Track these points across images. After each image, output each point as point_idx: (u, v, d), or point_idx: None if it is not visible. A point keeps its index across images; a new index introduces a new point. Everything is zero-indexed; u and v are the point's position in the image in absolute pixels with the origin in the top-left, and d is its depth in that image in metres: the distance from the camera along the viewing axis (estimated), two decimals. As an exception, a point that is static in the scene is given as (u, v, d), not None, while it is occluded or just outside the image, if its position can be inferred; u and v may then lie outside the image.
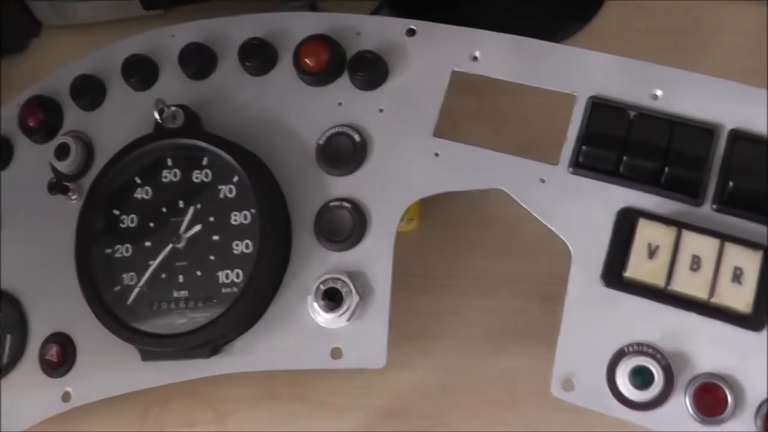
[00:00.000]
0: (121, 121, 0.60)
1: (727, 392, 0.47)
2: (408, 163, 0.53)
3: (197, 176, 0.56)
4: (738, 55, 0.66)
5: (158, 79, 0.60)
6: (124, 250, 0.56)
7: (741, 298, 0.47)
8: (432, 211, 0.62)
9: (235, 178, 0.54)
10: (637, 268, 0.48)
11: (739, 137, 0.50)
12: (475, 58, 0.54)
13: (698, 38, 0.68)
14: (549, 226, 0.50)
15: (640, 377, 0.47)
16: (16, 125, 0.62)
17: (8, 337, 0.58)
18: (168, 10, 0.75)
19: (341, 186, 0.54)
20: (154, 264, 0.55)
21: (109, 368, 0.56)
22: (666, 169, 0.50)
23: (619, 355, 0.48)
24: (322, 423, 0.59)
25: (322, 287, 0.51)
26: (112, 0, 0.73)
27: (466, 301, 0.60)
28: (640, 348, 0.48)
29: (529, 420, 0.57)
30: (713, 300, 0.48)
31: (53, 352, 0.57)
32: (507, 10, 0.71)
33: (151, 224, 0.56)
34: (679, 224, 0.49)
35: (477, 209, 0.62)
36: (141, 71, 0.60)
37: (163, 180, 0.57)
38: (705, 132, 0.51)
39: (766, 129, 0.50)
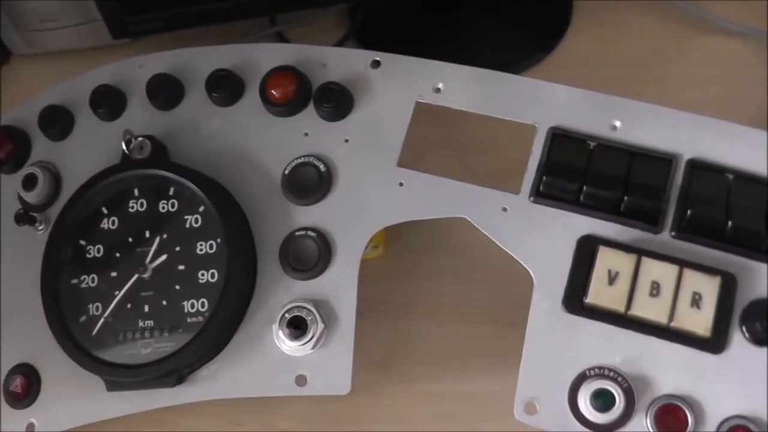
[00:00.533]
0: (89, 151, 0.60)
1: (688, 413, 0.48)
2: (373, 193, 0.54)
3: (163, 206, 0.56)
4: (700, 86, 0.68)
5: (126, 110, 0.60)
6: (90, 281, 0.56)
7: (700, 322, 0.49)
8: (397, 238, 0.63)
9: (201, 208, 0.55)
10: (598, 294, 0.49)
11: (697, 166, 0.52)
12: (438, 90, 0.55)
13: (660, 69, 0.70)
14: (511, 254, 0.51)
15: (602, 399, 0.48)
16: (-16, 156, 0.62)
17: (-29, 368, 0.57)
18: (136, 39, 0.75)
19: (307, 215, 0.54)
20: (119, 294, 0.55)
21: (74, 399, 0.56)
22: (625, 198, 0.51)
23: (580, 379, 0.49)
24: (289, 451, 0.59)
25: (287, 316, 0.52)
26: (80, 27, 0.73)
27: (431, 327, 0.61)
28: (602, 371, 0.49)
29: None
30: (673, 324, 0.49)
31: (17, 383, 0.57)
32: (471, 40, 0.72)
33: (117, 254, 0.56)
34: (638, 251, 0.50)
35: (441, 236, 0.62)
36: (109, 102, 0.60)
37: (130, 210, 0.57)
38: (663, 162, 0.52)
39: (722, 158, 0.52)
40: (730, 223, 0.50)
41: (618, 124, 0.53)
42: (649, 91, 0.66)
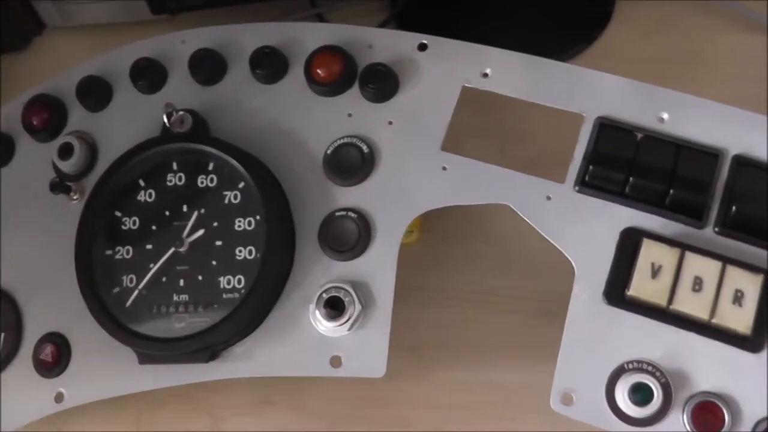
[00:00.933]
0: (126, 123, 0.60)
1: (725, 411, 0.47)
2: (415, 176, 0.54)
3: (202, 181, 0.56)
4: (739, 85, 0.67)
5: (166, 84, 0.60)
6: (124, 252, 0.56)
7: (741, 319, 0.48)
8: (432, 225, 0.63)
9: (241, 185, 0.55)
10: (640, 287, 0.49)
11: (743, 163, 0.51)
12: (485, 75, 0.55)
13: (700, 67, 0.69)
14: (554, 243, 0.51)
15: (640, 394, 0.47)
16: (19, 123, 0.62)
17: (2, 335, 0.57)
18: (174, 15, 0.75)
19: (347, 196, 0.54)
20: (154, 267, 0.55)
21: (104, 370, 0.56)
22: (671, 191, 0.50)
23: (619, 372, 0.48)
24: (318, 432, 0.59)
25: (325, 296, 0.52)
26: (117, 1, 0.73)
27: (465, 315, 0.60)
28: (640, 365, 0.48)
29: (529, 435, 0.57)
30: (714, 321, 0.48)
31: (48, 351, 0.56)
32: (511, 29, 0.72)
33: (153, 227, 0.56)
34: (682, 245, 0.49)
35: (477, 224, 0.62)
36: (149, 75, 0.60)
37: (168, 183, 0.57)
38: (710, 156, 0.51)
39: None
40: (773, 221, 0.49)
41: (665, 116, 0.52)
42: (689, 87, 0.65)
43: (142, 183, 0.57)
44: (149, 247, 0.56)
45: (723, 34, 0.71)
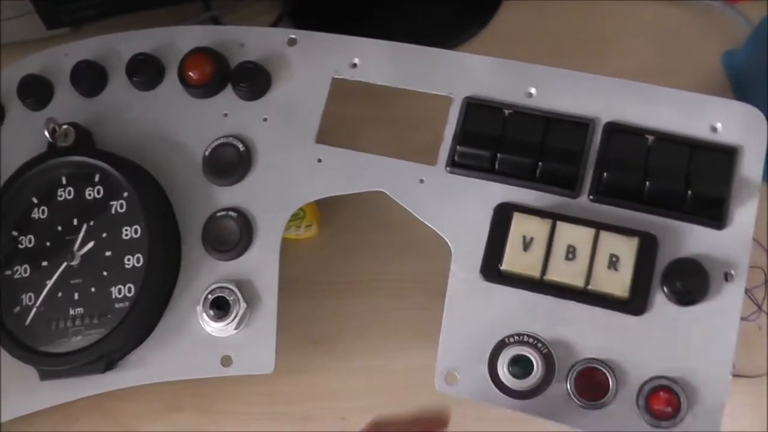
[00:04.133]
0: (19, 141, 0.60)
1: (609, 375, 0.48)
2: (291, 171, 0.54)
3: (90, 193, 0.56)
4: (638, 56, 0.68)
5: (53, 98, 0.60)
6: (22, 271, 0.56)
7: (617, 283, 0.49)
8: (330, 217, 0.63)
9: (125, 194, 0.55)
10: (513, 260, 0.49)
11: (615, 129, 0.52)
12: (354, 65, 0.55)
13: (597, 39, 0.69)
14: (429, 225, 0.51)
15: (519, 366, 0.48)
16: None
17: None
18: (74, 30, 0.74)
19: (228, 196, 0.55)
20: (50, 283, 0.55)
21: (10, 390, 0.56)
22: (540, 163, 0.51)
23: (500, 347, 0.49)
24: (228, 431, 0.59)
25: (210, 297, 0.52)
26: (17, 20, 0.73)
27: (365, 304, 0.61)
28: (521, 338, 0.49)
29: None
30: (590, 287, 0.49)
31: (-44, 376, 0.56)
32: (406, 17, 0.72)
33: (48, 243, 0.56)
34: (553, 216, 0.50)
35: (372, 213, 0.62)
36: (36, 91, 0.60)
37: (59, 199, 0.57)
38: (580, 126, 0.52)
39: (642, 120, 0.52)
40: (648, 183, 0.50)
41: (533, 91, 0.53)
42: (587, 61, 0.65)
43: (35, 200, 0.57)
44: (45, 263, 0.56)
45: (619, 6, 0.71)
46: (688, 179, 0.50)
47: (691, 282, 0.48)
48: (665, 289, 0.49)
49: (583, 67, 0.54)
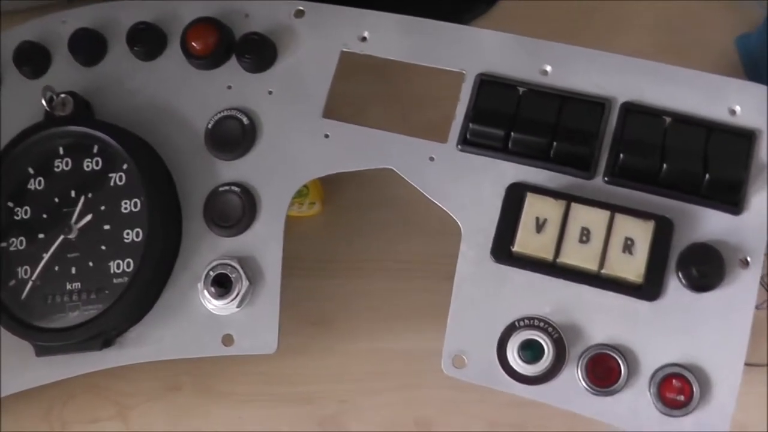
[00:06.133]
0: (15, 110, 0.58)
1: (621, 362, 0.47)
2: (297, 145, 0.53)
3: (88, 164, 0.55)
4: (650, 35, 0.66)
5: (51, 67, 0.58)
6: (18, 243, 0.55)
7: (632, 268, 0.47)
8: (335, 195, 0.62)
9: (125, 166, 0.53)
10: (525, 242, 0.48)
11: (632, 110, 0.50)
12: (363, 39, 0.54)
13: (609, 18, 0.68)
14: (438, 204, 0.50)
15: (530, 351, 0.47)
16: None
17: None
18: (71, -1, 0.73)
19: (231, 170, 0.53)
20: (46, 256, 0.54)
21: (5, 366, 0.54)
22: (554, 143, 0.49)
23: (509, 330, 0.48)
24: (227, 412, 0.58)
25: (212, 274, 0.51)
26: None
27: (368, 284, 0.59)
28: (531, 322, 0.48)
29: (435, 399, 0.57)
30: (604, 271, 0.48)
31: (-50, 351, 0.55)
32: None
33: (44, 216, 0.55)
34: (568, 197, 0.49)
35: (377, 191, 0.61)
36: (33, 59, 0.58)
37: (56, 170, 0.55)
38: (596, 106, 0.51)
39: (659, 100, 0.50)
40: (665, 166, 0.49)
41: (549, 68, 0.51)
42: (598, 39, 0.63)
43: (31, 171, 0.56)
44: (41, 236, 0.54)
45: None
46: (705, 162, 0.49)
47: (706, 268, 0.47)
48: (680, 274, 0.48)
49: (595, 45, 0.53)
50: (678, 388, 0.46)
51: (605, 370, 0.47)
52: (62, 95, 0.55)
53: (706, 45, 0.65)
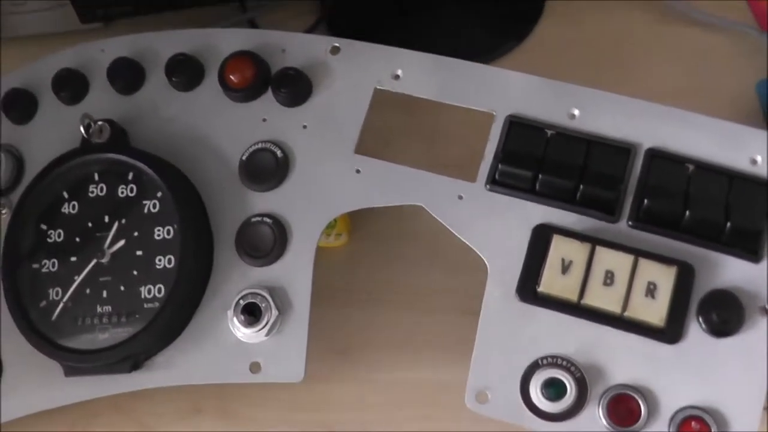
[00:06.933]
0: (51, 135, 0.60)
1: (641, 402, 0.48)
2: (329, 180, 0.54)
3: (122, 191, 0.56)
4: (672, 78, 0.67)
5: (88, 94, 0.60)
6: (50, 265, 0.56)
7: (654, 311, 0.48)
8: (362, 227, 0.63)
9: (159, 193, 0.55)
10: (551, 282, 0.49)
11: (656, 156, 0.52)
12: (397, 77, 0.55)
13: (632, 61, 0.69)
14: (466, 242, 0.51)
15: (553, 389, 0.48)
16: (-53, 138, 0.62)
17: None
18: (107, 24, 0.74)
19: (263, 202, 0.54)
20: (78, 279, 0.55)
21: (34, 384, 0.56)
22: (581, 186, 0.51)
23: (533, 368, 0.49)
24: (248, 437, 0.59)
25: (242, 302, 0.52)
26: (51, 12, 0.73)
27: (391, 316, 0.60)
28: (554, 360, 0.49)
29: (454, 432, 0.57)
30: (626, 314, 0.48)
31: (-21, 368, 0.56)
32: (444, 29, 0.72)
33: (77, 239, 0.56)
34: (593, 240, 0.50)
35: (403, 224, 0.62)
36: (71, 86, 0.60)
37: (90, 195, 0.56)
38: (622, 151, 0.52)
39: (682, 148, 0.51)
40: (688, 213, 0.50)
41: (576, 112, 0.52)
42: (622, 82, 0.65)
43: (65, 195, 0.57)
44: (73, 259, 0.56)
45: (656, 28, 0.71)
46: (726, 210, 0.50)
47: (726, 313, 0.48)
48: (700, 319, 0.49)
49: (617, 88, 0.54)
50: (696, 430, 0.47)
51: (626, 411, 0.48)
52: (99, 122, 0.56)
53: (728, 90, 0.66)
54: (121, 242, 0.55)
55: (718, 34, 0.69)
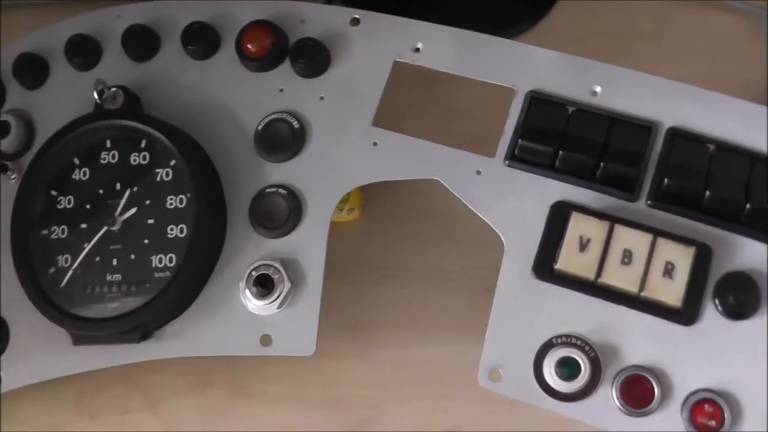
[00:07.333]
0: (63, 101, 0.59)
1: (654, 384, 0.47)
2: (346, 152, 0.53)
3: (135, 159, 0.55)
4: (690, 61, 0.66)
5: (101, 60, 0.59)
6: (60, 232, 0.55)
7: (672, 292, 0.48)
8: (374, 202, 0.62)
9: (172, 162, 0.54)
10: (568, 260, 0.48)
11: (677, 135, 0.51)
12: (417, 50, 0.54)
13: (652, 42, 0.69)
14: (483, 217, 0.50)
15: (566, 368, 0.47)
16: (-45, 102, 0.61)
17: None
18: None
19: (278, 172, 0.54)
20: (88, 246, 0.54)
21: (41, 352, 0.55)
22: (602, 164, 0.50)
23: (547, 347, 0.48)
24: (257, 411, 0.58)
25: (254, 274, 0.51)
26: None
27: (405, 293, 0.60)
28: (569, 339, 0.48)
29: (466, 410, 0.57)
30: (643, 294, 0.48)
31: (-14, 334, 0.56)
32: (458, 6, 0.71)
33: (88, 206, 0.55)
34: (612, 218, 0.49)
35: (418, 201, 0.61)
36: (84, 51, 0.59)
37: (102, 162, 0.56)
38: (643, 129, 0.51)
39: (704, 127, 0.51)
40: (708, 193, 0.49)
41: (598, 89, 0.52)
42: (638, 63, 0.64)
43: (76, 161, 0.56)
44: (84, 226, 0.55)
45: (677, 8, 0.70)
46: (747, 191, 0.49)
47: (743, 296, 0.48)
48: (717, 301, 0.48)
49: (636, 69, 0.53)
50: (710, 413, 0.47)
51: (640, 392, 0.47)
52: (113, 89, 0.56)
53: (745, 71, 0.66)
54: (133, 210, 0.54)
55: (735, 15, 0.68)
